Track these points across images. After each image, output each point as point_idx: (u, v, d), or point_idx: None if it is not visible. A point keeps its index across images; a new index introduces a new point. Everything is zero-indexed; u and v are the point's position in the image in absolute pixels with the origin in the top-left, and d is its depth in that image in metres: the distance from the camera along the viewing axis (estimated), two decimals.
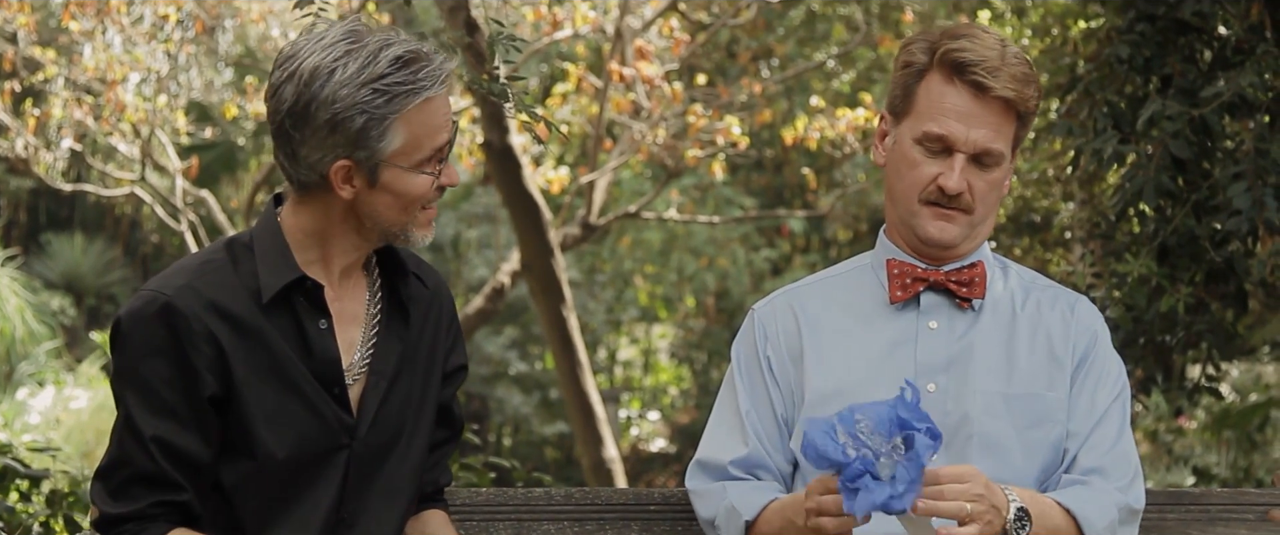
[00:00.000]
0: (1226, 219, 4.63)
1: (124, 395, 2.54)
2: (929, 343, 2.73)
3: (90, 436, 14.20)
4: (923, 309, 2.76)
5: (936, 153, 2.68)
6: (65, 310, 19.47)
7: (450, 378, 2.78)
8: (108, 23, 11.12)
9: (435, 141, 2.54)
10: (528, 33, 10.57)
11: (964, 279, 2.74)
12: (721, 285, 18.01)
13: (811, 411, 2.72)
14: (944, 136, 2.66)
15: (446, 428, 2.81)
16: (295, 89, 2.48)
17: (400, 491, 2.67)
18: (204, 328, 2.51)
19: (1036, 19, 7.49)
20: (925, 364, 2.72)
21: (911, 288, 2.75)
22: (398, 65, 2.48)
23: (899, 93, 2.73)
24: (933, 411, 2.64)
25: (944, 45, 2.67)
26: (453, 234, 18.82)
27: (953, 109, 2.66)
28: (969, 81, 2.65)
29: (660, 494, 3.02)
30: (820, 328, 2.80)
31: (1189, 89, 4.80)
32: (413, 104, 2.49)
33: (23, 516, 4.76)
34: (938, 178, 2.68)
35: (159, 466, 2.50)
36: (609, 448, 10.26)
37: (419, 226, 2.59)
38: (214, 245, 2.65)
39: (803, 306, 2.84)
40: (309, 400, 2.56)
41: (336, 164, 2.50)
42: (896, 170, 2.74)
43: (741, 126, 11.00)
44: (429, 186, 2.56)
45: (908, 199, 2.73)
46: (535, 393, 19.21)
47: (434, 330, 2.74)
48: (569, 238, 10.85)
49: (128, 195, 12.53)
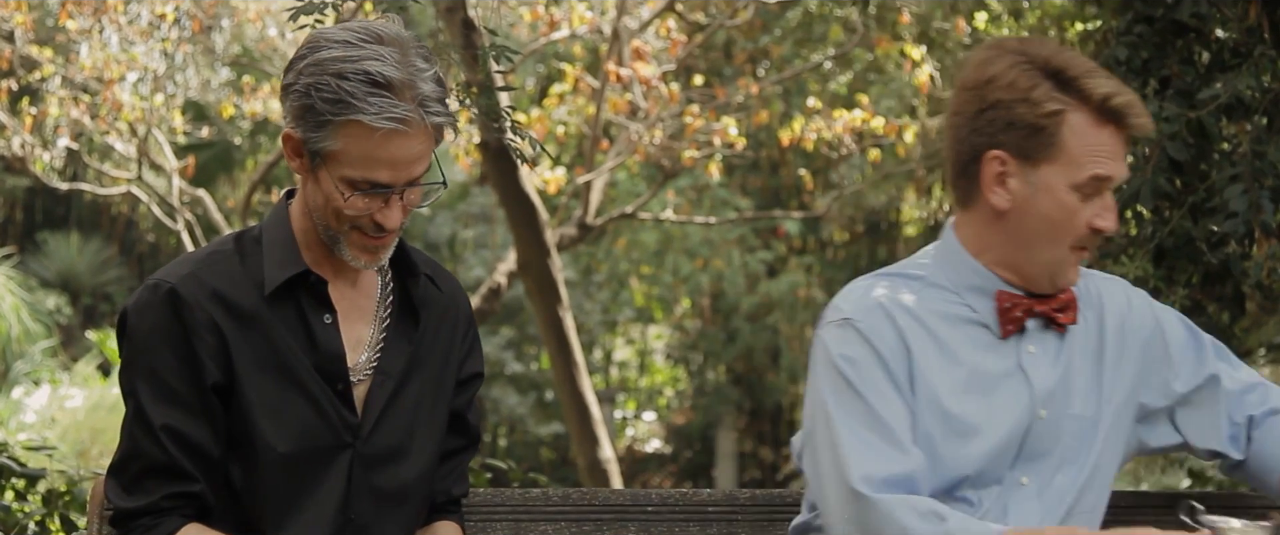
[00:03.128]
0: (1223, 221, 4.63)
1: (133, 387, 2.53)
2: (1036, 370, 2.65)
3: (86, 435, 14.19)
4: (1025, 335, 2.66)
5: (1090, 196, 2.58)
6: (61, 309, 19.47)
7: (465, 385, 2.76)
8: (105, 21, 11.11)
9: (371, 172, 2.47)
10: (525, 33, 10.58)
11: (1063, 305, 2.67)
12: (717, 286, 18.01)
13: (940, 438, 2.61)
14: (1111, 178, 2.58)
15: (461, 436, 2.78)
16: (299, 51, 2.51)
17: (409, 498, 2.66)
18: (206, 316, 2.51)
19: (1033, 20, 7.50)
20: (1040, 390, 2.64)
21: (1020, 320, 2.66)
22: (363, 79, 2.43)
23: (1028, 135, 2.56)
24: (1040, 441, 2.63)
25: (1086, 86, 2.55)
26: (449, 234, 18.83)
27: (1107, 149, 2.56)
28: (1122, 124, 2.58)
29: (657, 494, 3.01)
30: (926, 350, 2.64)
31: (1186, 91, 4.81)
32: (344, 118, 2.43)
33: (19, 516, 4.75)
34: (1093, 219, 2.59)
35: (170, 456, 2.50)
36: (605, 448, 10.25)
37: (350, 245, 2.54)
38: (223, 238, 2.65)
39: (902, 322, 2.66)
40: (311, 395, 2.56)
41: (286, 131, 2.51)
42: (1045, 217, 2.59)
43: (738, 127, 11.00)
44: (362, 207, 2.49)
45: (1060, 245, 2.60)
46: (531, 393, 19.21)
47: (449, 335, 2.72)
48: (565, 238, 10.85)
49: (124, 194, 12.52)
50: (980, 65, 2.61)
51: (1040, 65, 2.57)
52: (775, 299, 17.50)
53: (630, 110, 10.84)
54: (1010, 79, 2.57)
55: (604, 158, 11.24)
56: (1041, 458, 2.64)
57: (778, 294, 17.45)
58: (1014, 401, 2.62)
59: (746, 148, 11.62)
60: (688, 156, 10.99)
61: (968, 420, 2.59)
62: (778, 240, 18.26)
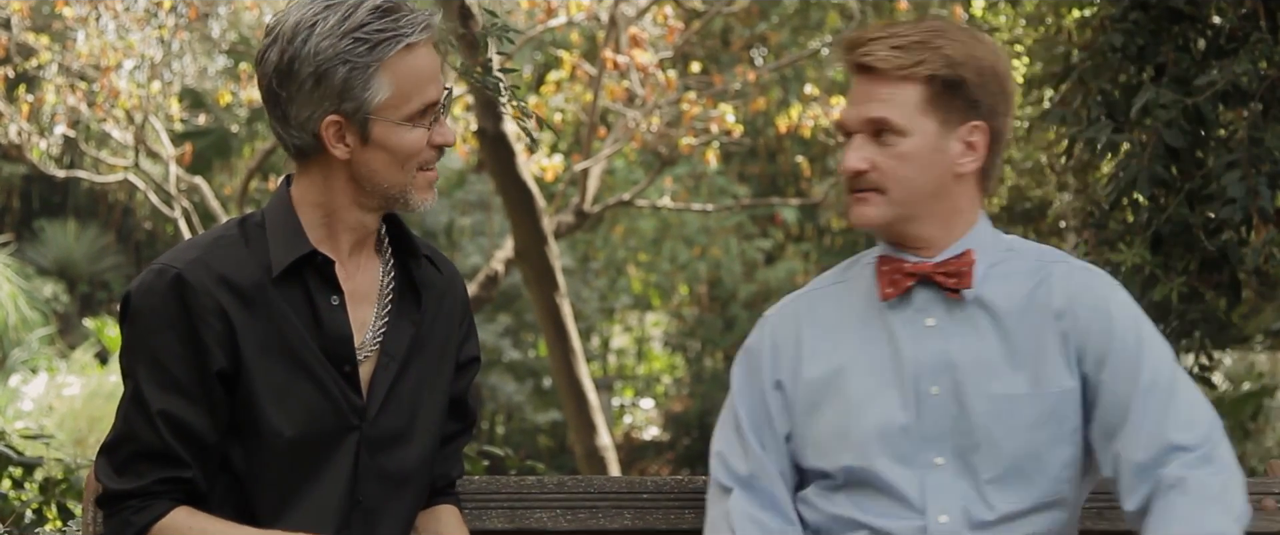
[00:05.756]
0: (1220, 208, 4.63)
1: (133, 369, 2.53)
2: (925, 341, 2.64)
3: (83, 423, 14.19)
4: (916, 306, 2.67)
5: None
6: (58, 297, 19.46)
7: (463, 369, 2.77)
8: (101, 9, 11.10)
9: (424, 95, 2.54)
10: (522, 20, 10.57)
11: (952, 270, 2.64)
12: (715, 274, 18.01)
13: (803, 409, 2.69)
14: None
15: (459, 420, 2.79)
16: (279, 48, 2.50)
17: (412, 480, 2.66)
18: (213, 302, 2.51)
19: (1031, 8, 7.50)
20: (926, 365, 2.63)
21: (901, 283, 2.66)
22: (377, 14, 2.49)
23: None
24: (937, 418, 2.61)
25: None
26: (446, 221, 18.82)
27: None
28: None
29: (653, 482, 3.02)
30: (819, 327, 2.73)
31: (1183, 77, 4.80)
32: (394, 51, 2.49)
33: (16, 504, 4.75)
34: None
35: (164, 442, 2.50)
36: (602, 436, 10.26)
37: (418, 189, 2.59)
38: (227, 223, 2.65)
39: (810, 310, 2.77)
40: (318, 378, 2.55)
41: (326, 120, 2.51)
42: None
43: (735, 114, 10.99)
44: (422, 142, 2.55)
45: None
46: (528, 380, 19.21)
47: (448, 318, 2.73)
48: (563, 225, 10.85)
49: (121, 182, 12.52)
50: None
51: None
52: (773, 286, 17.49)
53: (627, 97, 10.84)
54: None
55: (601, 145, 11.24)
56: (942, 438, 2.61)
57: (775, 281, 17.45)
58: (895, 375, 2.64)
59: (744, 135, 11.62)
60: (685, 143, 10.98)
61: (854, 397, 2.65)
62: (775, 227, 18.26)
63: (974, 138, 2.64)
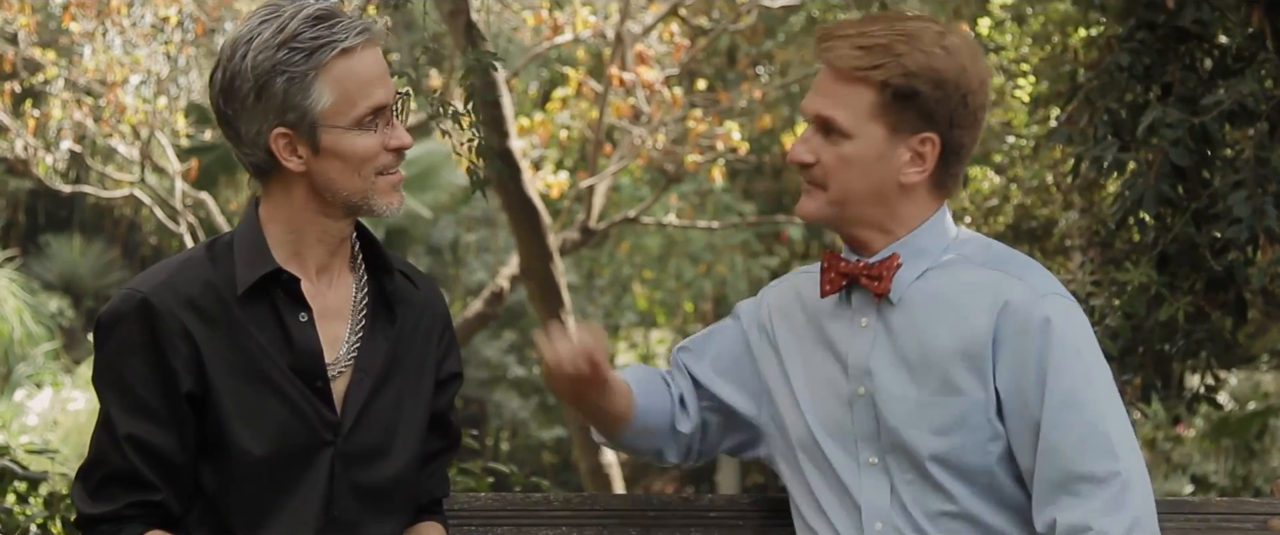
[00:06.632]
0: (1226, 227, 4.63)
1: (103, 394, 2.56)
2: (856, 342, 2.66)
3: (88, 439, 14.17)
4: (854, 306, 2.68)
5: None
6: (63, 312, 19.46)
7: (444, 386, 2.76)
8: (108, 24, 11.12)
9: (370, 98, 2.53)
10: (528, 37, 10.58)
11: (875, 273, 2.63)
12: (720, 291, 17.99)
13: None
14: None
15: (441, 437, 2.78)
16: (222, 67, 2.52)
17: (392, 498, 2.66)
18: (179, 324, 2.52)
19: (1037, 26, 7.49)
20: (853, 366, 2.66)
21: (836, 282, 2.67)
22: (311, 22, 2.50)
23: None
24: (862, 418, 2.64)
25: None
26: (452, 237, 18.82)
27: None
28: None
29: (659, 499, 3.02)
30: (789, 319, 2.79)
31: (1189, 97, 4.81)
32: (329, 56, 2.49)
33: (20, 518, 4.75)
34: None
35: (133, 465, 2.51)
36: (607, 452, 10.25)
37: (381, 194, 2.58)
38: (197, 246, 2.67)
39: (798, 297, 2.81)
40: (287, 397, 2.55)
41: (274, 133, 2.52)
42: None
43: (741, 132, 10.99)
44: (376, 146, 2.55)
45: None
46: (533, 397, 19.19)
47: (426, 335, 2.72)
48: (568, 242, 10.85)
49: (127, 197, 12.52)
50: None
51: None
52: None
53: (633, 115, 10.84)
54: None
55: (607, 162, 11.24)
56: (871, 439, 2.64)
57: None
58: (834, 375, 2.68)
59: (749, 152, 11.61)
60: (691, 161, 10.99)
61: (799, 392, 2.72)
62: (781, 245, 18.25)
63: (924, 149, 2.61)
